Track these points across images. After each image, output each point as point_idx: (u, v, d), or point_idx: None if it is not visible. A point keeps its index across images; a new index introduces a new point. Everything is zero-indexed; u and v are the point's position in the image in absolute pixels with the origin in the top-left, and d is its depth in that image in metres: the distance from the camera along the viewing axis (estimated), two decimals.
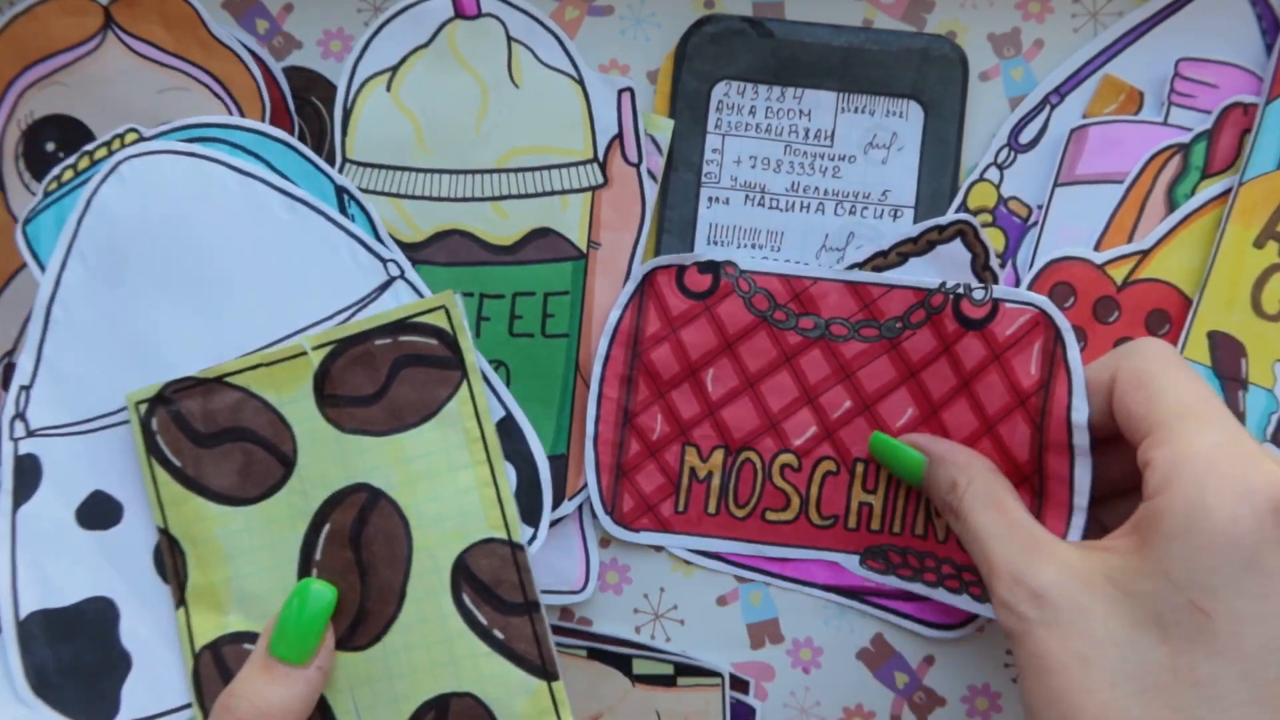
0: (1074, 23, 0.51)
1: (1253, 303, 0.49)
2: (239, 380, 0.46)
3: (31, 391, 0.47)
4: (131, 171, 0.47)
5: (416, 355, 0.47)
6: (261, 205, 0.47)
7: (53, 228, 0.47)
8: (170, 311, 0.47)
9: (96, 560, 0.47)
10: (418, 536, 0.45)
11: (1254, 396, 0.49)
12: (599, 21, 0.51)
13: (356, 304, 0.47)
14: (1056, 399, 0.46)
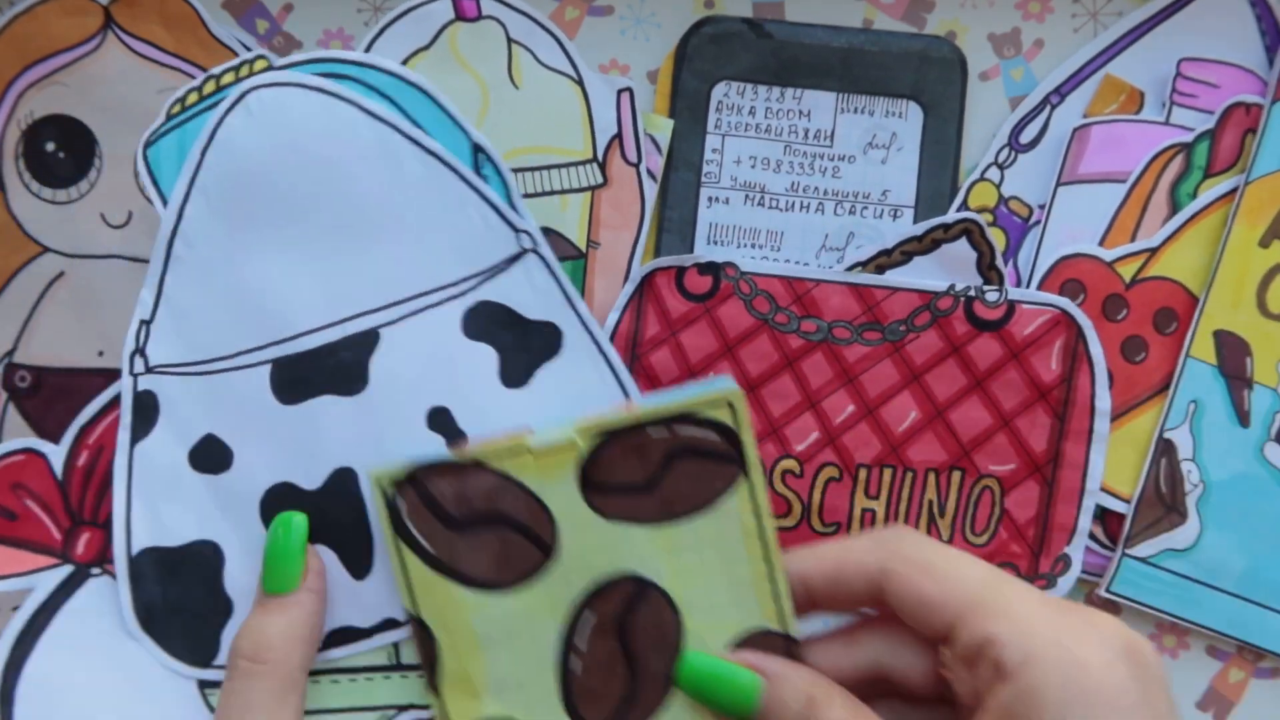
0: (1074, 23, 0.51)
1: (1258, 302, 0.49)
2: (497, 465, 0.44)
3: (151, 327, 0.46)
4: (259, 104, 0.46)
5: (693, 448, 0.43)
6: (392, 154, 0.46)
7: (174, 152, 0.46)
8: (289, 256, 0.46)
9: (206, 504, 0.46)
10: (690, 625, 0.43)
11: (1259, 395, 0.49)
12: (599, 22, 0.51)
13: (484, 273, 0.47)
14: (1080, 389, 0.48)
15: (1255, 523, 0.49)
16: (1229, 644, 0.50)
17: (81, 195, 0.50)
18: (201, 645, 0.46)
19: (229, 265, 0.46)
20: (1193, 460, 0.49)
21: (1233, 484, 0.49)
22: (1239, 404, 0.49)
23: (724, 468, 0.43)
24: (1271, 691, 0.51)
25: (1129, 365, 0.50)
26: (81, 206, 0.50)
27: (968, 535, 0.49)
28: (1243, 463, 0.49)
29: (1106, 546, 0.50)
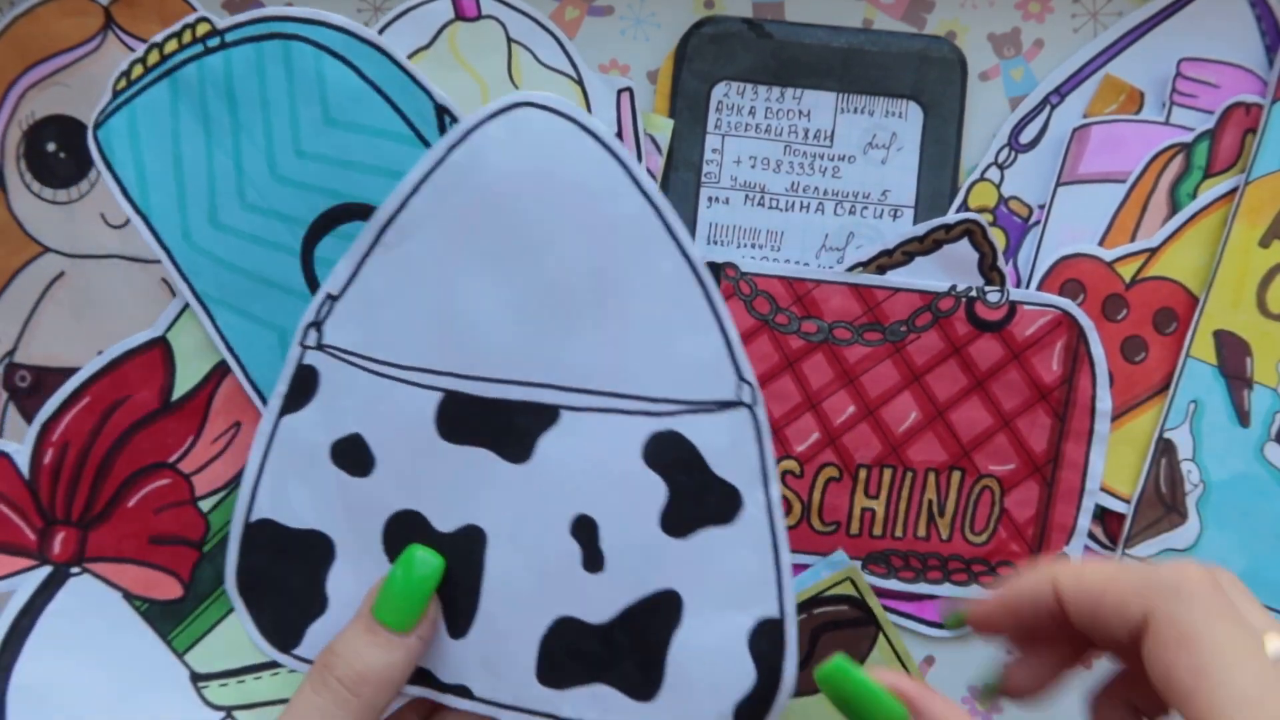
0: (1074, 23, 0.51)
1: (1258, 302, 0.49)
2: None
3: (337, 304, 0.44)
4: (527, 123, 0.41)
5: (834, 622, 0.47)
6: (649, 238, 0.42)
7: (125, 131, 0.46)
8: (501, 291, 0.43)
9: (333, 498, 0.44)
10: None
11: (1259, 395, 0.49)
12: (599, 22, 0.51)
13: (689, 404, 0.43)
14: (1081, 390, 0.48)
15: (1255, 523, 0.49)
16: None
17: (82, 195, 0.50)
18: (288, 630, 0.45)
19: (437, 272, 0.43)
20: (1193, 460, 0.49)
21: (1233, 484, 0.49)
22: (1239, 404, 0.49)
23: (863, 630, 0.48)
24: None
25: (1129, 365, 0.50)
26: (82, 206, 0.50)
27: (967, 534, 0.49)
28: (1243, 463, 0.49)
29: (1106, 546, 0.50)
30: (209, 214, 0.45)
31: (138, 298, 0.50)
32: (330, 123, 0.45)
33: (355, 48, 0.45)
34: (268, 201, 0.45)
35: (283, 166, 0.45)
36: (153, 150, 0.46)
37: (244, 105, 0.45)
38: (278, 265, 0.46)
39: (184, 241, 0.46)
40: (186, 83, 0.45)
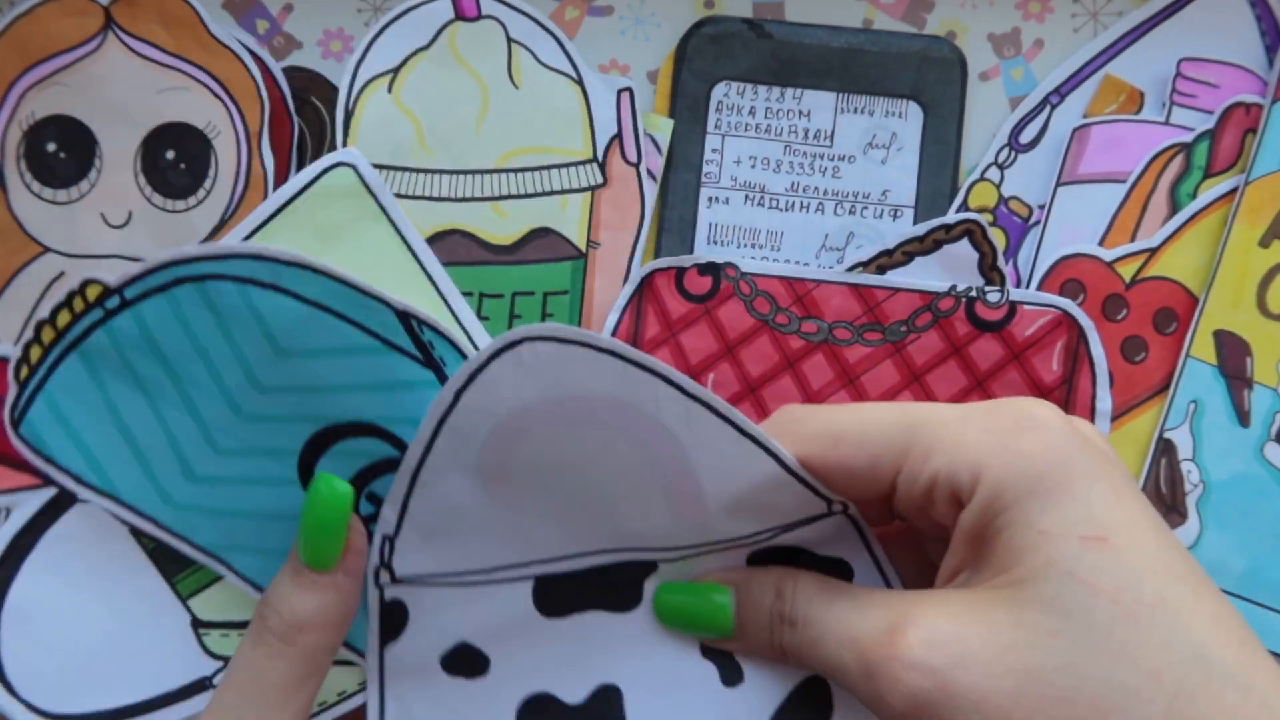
0: (1074, 23, 0.51)
1: (1258, 302, 0.49)
2: None
3: (395, 543, 0.42)
4: (533, 357, 0.37)
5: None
6: (696, 443, 0.38)
7: (50, 419, 0.42)
8: (555, 497, 0.41)
9: (460, 705, 0.43)
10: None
11: (1259, 395, 0.49)
12: (599, 22, 0.51)
13: (781, 527, 0.41)
14: (1081, 391, 0.48)
15: (1256, 523, 0.49)
16: None
17: (82, 195, 0.50)
18: None
19: (483, 496, 0.41)
20: (1193, 460, 0.49)
21: (1233, 484, 0.49)
22: (1239, 404, 0.49)
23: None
24: None
25: (1129, 365, 0.50)
26: (82, 206, 0.50)
27: None
28: (1243, 463, 0.49)
29: None
30: (182, 471, 0.42)
31: None
32: (283, 354, 0.41)
33: (284, 272, 0.41)
34: (244, 443, 0.42)
35: (247, 406, 0.41)
36: (91, 428, 0.43)
37: (177, 358, 0.41)
38: (279, 498, 0.43)
39: (166, 505, 0.43)
40: (99, 350, 0.42)
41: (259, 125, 0.49)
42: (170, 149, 0.50)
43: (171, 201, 0.50)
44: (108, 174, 0.50)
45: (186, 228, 0.50)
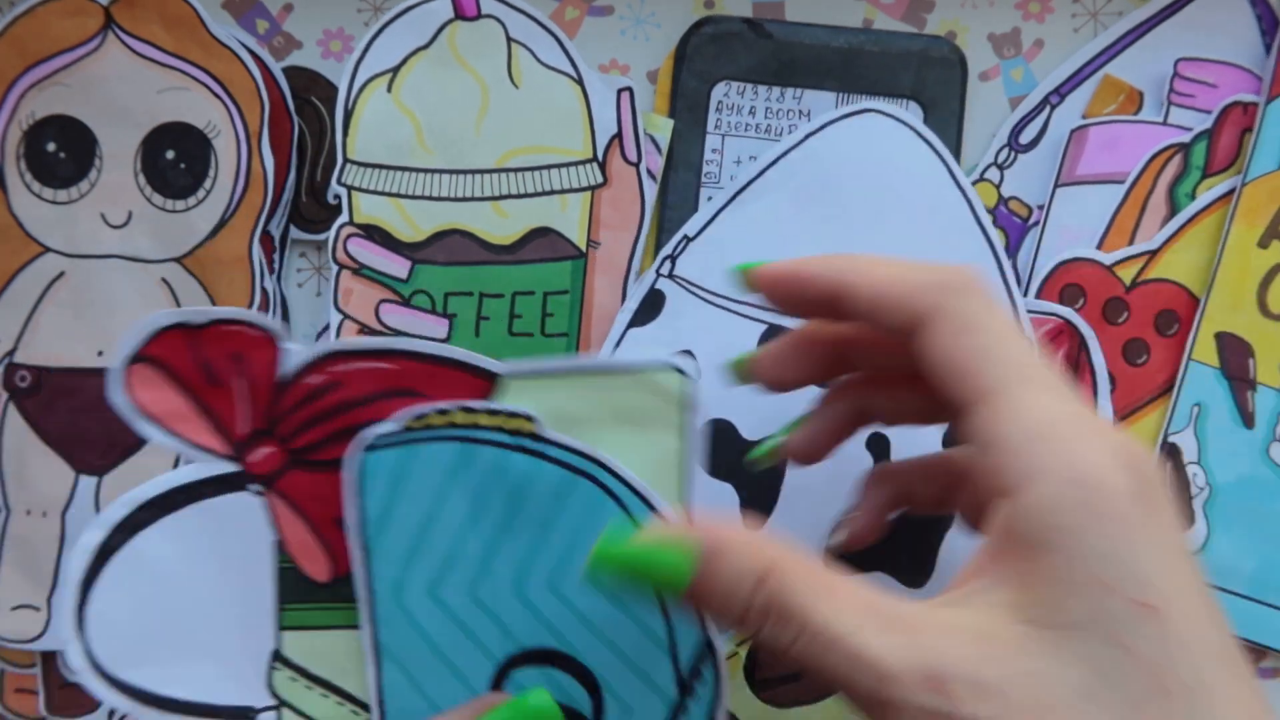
0: (1074, 23, 0.51)
1: (1259, 303, 0.49)
2: None
3: (690, 244, 0.50)
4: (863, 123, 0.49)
5: None
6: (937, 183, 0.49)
7: (393, 468, 0.40)
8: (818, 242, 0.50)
9: None
10: None
11: (1262, 396, 0.49)
12: (599, 21, 0.51)
13: None
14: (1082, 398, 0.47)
15: (1263, 524, 0.49)
16: None
17: (82, 195, 0.50)
18: None
19: (775, 230, 0.49)
20: (1198, 463, 0.49)
21: (1239, 486, 0.49)
22: (1243, 406, 0.49)
23: None
24: (1272, 691, 0.50)
25: (1131, 368, 0.49)
26: (82, 206, 0.50)
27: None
28: (1248, 464, 0.49)
29: None
30: (430, 583, 0.41)
31: (138, 298, 0.50)
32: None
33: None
34: (496, 608, 0.41)
35: (529, 590, 0.40)
36: (410, 498, 0.41)
37: (525, 517, 0.40)
38: (470, 661, 0.42)
39: (392, 594, 0.42)
40: (481, 461, 0.40)
41: (259, 125, 0.49)
42: (170, 149, 0.50)
43: (171, 201, 0.50)
44: (108, 174, 0.50)
45: (186, 228, 0.50)
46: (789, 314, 0.39)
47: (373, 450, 0.39)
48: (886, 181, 0.49)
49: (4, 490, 0.51)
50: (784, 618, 0.31)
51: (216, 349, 0.39)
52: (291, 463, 0.41)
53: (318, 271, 0.52)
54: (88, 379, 0.50)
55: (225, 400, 0.40)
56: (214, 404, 0.40)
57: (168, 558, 0.42)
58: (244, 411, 0.41)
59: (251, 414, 0.41)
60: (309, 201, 0.51)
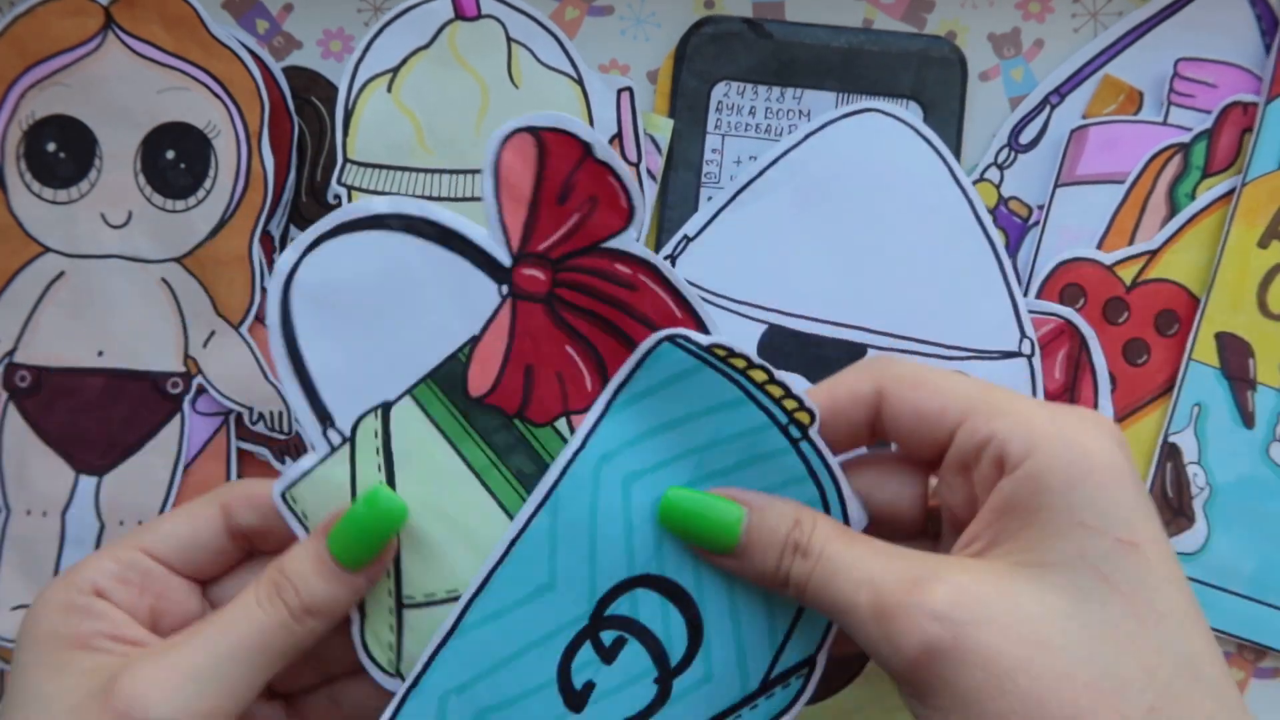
0: (1074, 23, 0.51)
1: (1259, 303, 0.49)
2: None
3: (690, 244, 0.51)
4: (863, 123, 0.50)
5: None
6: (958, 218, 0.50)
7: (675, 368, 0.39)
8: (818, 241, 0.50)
9: None
10: None
11: (1262, 396, 0.49)
12: (599, 21, 0.51)
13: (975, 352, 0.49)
14: (1083, 398, 0.48)
15: (1263, 524, 0.49)
16: (1229, 643, 0.50)
17: (82, 195, 0.50)
18: None
19: (776, 229, 0.50)
20: (1198, 463, 0.49)
21: (1239, 486, 0.49)
22: (1243, 406, 0.49)
23: None
24: (1271, 691, 0.50)
25: (1131, 368, 0.49)
26: (82, 206, 0.50)
27: None
28: (1249, 464, 0.49)
29: None
30: (631, 474, 0.40)
31: (138, 298, 0.50)
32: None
33: None
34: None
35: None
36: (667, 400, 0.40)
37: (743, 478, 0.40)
38: (613, 555, 0.40)
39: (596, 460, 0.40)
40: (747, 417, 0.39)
41: (259, 125, 0.49)
42: (170, 149, 0.50)
43: (171, 201, 0.50)
44: (107, 174, 0.50)
45: (186, 227, 0.50)
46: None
47: (672, 343, 0.38)
48: (887, 181, 0.49)
49: (4, 490, 0.51)
50: (806, 551, 0.36)
51: (587, 181, 0.39)
52: (543, 299, 0.40)
53: None
54: (88, 379, 0.50)
55: (552, 217, 0.39)
56: (543, 211, 0.39)
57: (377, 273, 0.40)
58: (556, 237, 0.39)
59: (558, 244, 0.39)
60: (309, 201, 0.51)
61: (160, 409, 0.50)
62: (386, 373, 0.40)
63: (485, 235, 0.39)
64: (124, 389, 0.50)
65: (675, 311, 0.39)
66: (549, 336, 0.39)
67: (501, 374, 0.39)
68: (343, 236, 0.39)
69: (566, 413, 0.39)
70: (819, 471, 0.38)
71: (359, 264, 0.39)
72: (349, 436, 0.39)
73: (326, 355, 0.39)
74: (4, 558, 0.51)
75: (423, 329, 0.40)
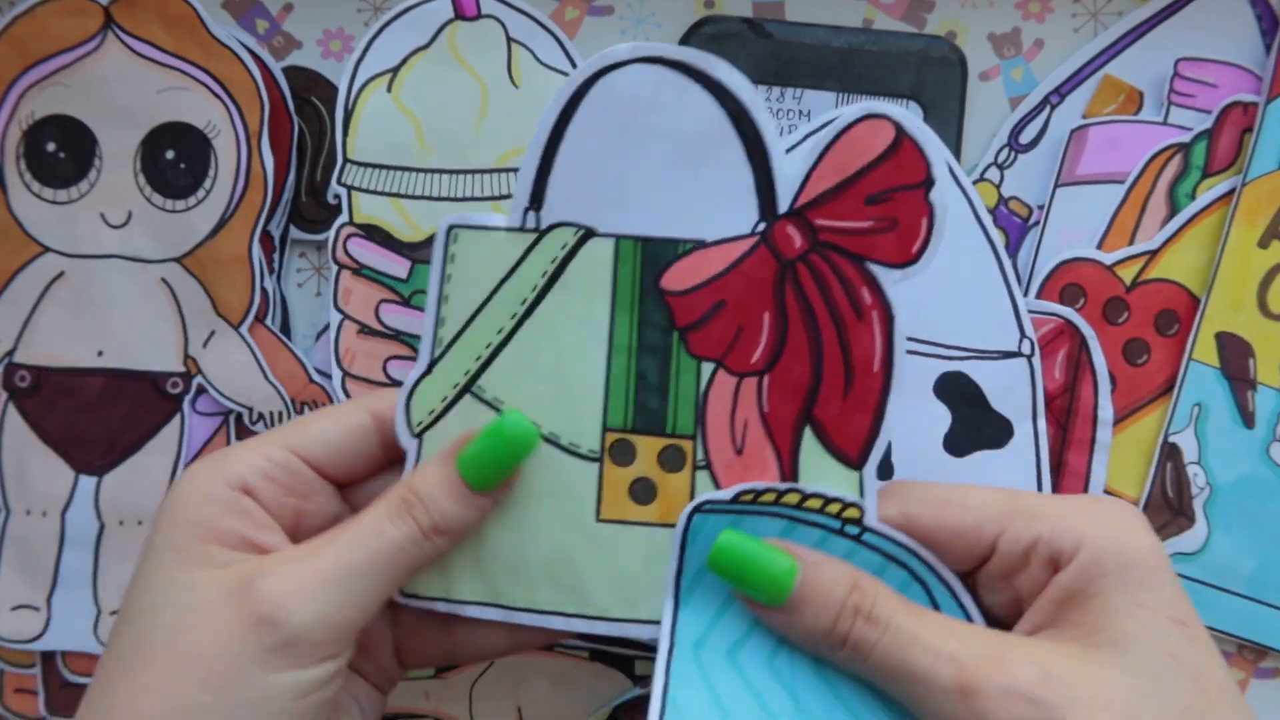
0: (1074, 23, 0.51)
1: (1259, 303, 0.49)
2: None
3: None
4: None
5: None
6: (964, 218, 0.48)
7: (707, 534, 0.39)
8: None
9: None
10: None
11: (1262, 396, 0.49)
12: (599, 21, 0.51)
13: (976, 352, 0.48)
14: (1083, 399, 0.48)
15: (1264, 524, 0.49)
16: (1229, 643, 0.50)
17: (82, 195, 0.50)
18: None
19: None
20: (1198, 463, 0.49)
21: (1239, 486, 0.49)
22: (1243, 406, 0.49)
23: None
24: (1271, 691, 0.50)
25: (1131, 368, 0.49)
26: (81, 206, 0.50)
27: None
28: (1249, 464, 0.49)
29: None
30: (731, 646, 0.40)
31: (137, 298, 0.50)
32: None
33: None
34: (792, 681, 0.40)
35: (829, 667, 0.39)
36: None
37: None
38: None
39: (692, 649, 0.40)
40: (802, 539, 0.40)
41: (259, 125, 0.49)
42: (170, 149, 0.50)
43: (171, 201, 0.50)
44: (107, 174, 0.50)
45: (186, 227, 0.50)
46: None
47: (702, 512, 0.39)
48: None
49: (4, 490, 0.51)
50: (872, 619, 0.36)
51: (904, 205, 0.38)
52: (783, 260, 0.39)
53: (317, 271, 0.52)
54: (87, 379, 0.50)
55: (851, 205, 0.38)
56: (848, 194, 0.38)
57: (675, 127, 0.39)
58: (837, 223, 0.38)
59: (833, 230, 0.39)
60: (309, 201, 0.51)
61: (160, 409, 0.50)
62: (613, 208, 0.39)
63: (790, 174, 0.38)
64: (124, 389, 0.50)
65: (874, 363, 0.38)
66: (760, 292, 0.39)
67: (697, 289, 0.39)
68: (678, 73, 0.38)
69: (718, 362, 0.39)
70: (897, 554, 0.38)
71: (671, 106, 0.38)
72: (541, 230, 0.39)
73: (581, 155, 0.39)
74: (4, 558, 0.51)
75: (675, 199, 0.39)
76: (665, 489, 0.39)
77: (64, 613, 0.51)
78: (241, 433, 0.51)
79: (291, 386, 0.50)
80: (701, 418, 0.39)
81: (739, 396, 0.39)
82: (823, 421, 0.39)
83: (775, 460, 0.39)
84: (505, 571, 0.40)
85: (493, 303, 0.39)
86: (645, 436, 0.39)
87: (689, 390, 0.39)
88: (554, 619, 0.40)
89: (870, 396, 0.38)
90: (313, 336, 0.52)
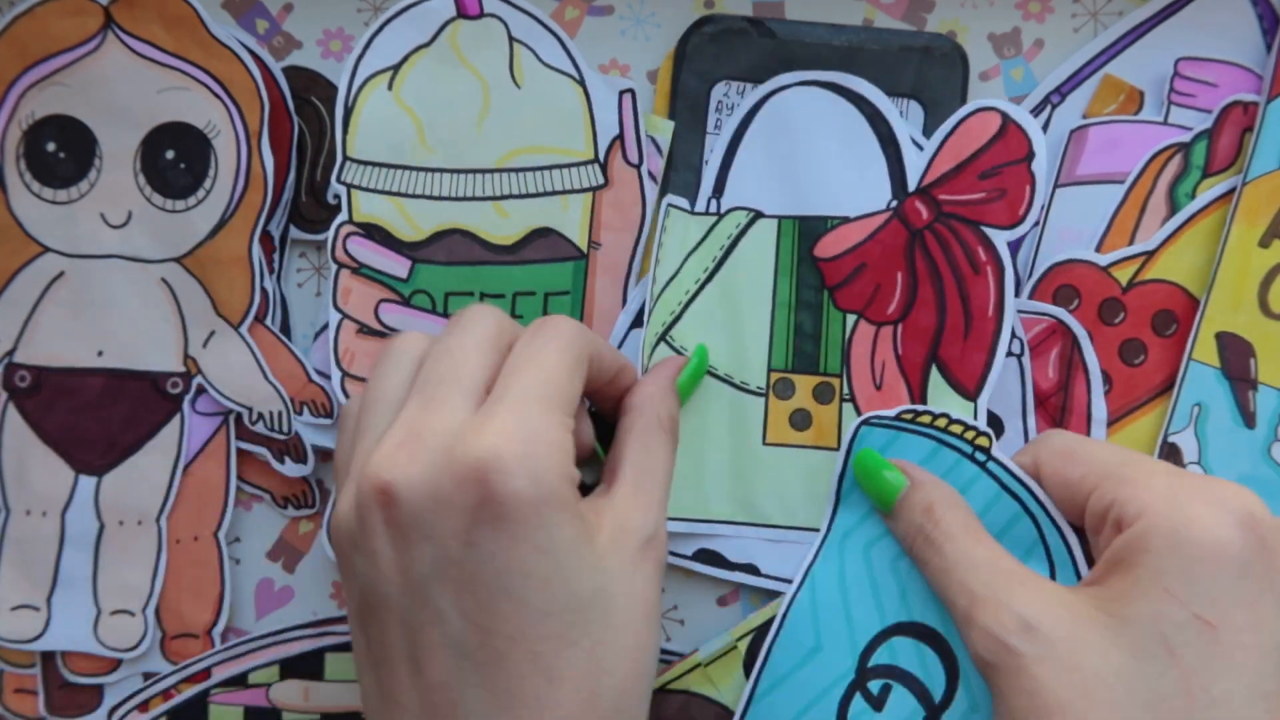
0: (1074, 23, 0.51)
1: (1260, 303, 0.49)
2: (678, 685, 0.49)
3: None
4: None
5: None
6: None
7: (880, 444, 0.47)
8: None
9: None
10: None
11: (1264, 396, 0.49)
12: (599, 21, 0.51)
13: None
14: (1076, 398, 0.48)
15: None
16: None
17: (82, 195, 0.50)
18: None
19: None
20: (1198, 464, 0.49)
21: None
22: (1244, 406, 0.49)
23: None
24: None
25: (1128, 368, 0.49)
26: (81, 206, 0.50)
27: None
28: (1250, 465, 0.49)
29: None
30: (869, 541, 0.47)
31: (138, 298, 0.50)
32: None
33: None
34: (906, 580, 0.46)
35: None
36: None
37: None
38: (866, 614, 0.47)
39: (840, 537, 0.48)
40: (943, 459, 0.46)
41: (259, 125, 0.49)
42: (170, 149, 0.50)
43: (171, 201, 0.50)
44: (107, 174, 0.50)
45: (186, 227, 0.50)
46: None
47: (868, 424, 0.47)
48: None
49: (4, 490, 0.51)
50: (929, 540, 0.42)
51: (1012, 178, 0.47)
52: (912, 230, 0.48)
53: (317, 271, 0.52)
54: (87, 379, 0.50)
55: (968, 181, 0.47)
56: (965, 172, 0.48)
57: (828, 129, 0.49)
58: (958, 197, 0.48)
59: (955, 202, 0.48)
60: (309, 201, 0.51)
61: (160, 409, 0.50)
62: (777, 196, 0.49)
63: (917, 161, 0.48)
64: (124, 389, 0.50)
65: (989, 309, 0.47)
66: (894, 256, 0.48)
67: (843, 255, 0.48)
68: (828, 90, 0.49)
69: (860, 314, 0.48)
70: (1013, 488, 0.44)
71: (824, 115, 0.49)
72: (721, 213, 0.49)
73: (756, 155, 0.49)
74: (4, 558, 0.51)
75: (825, 186, 0.49)
76: (818, 418, 0.48)
77: (64, 613, 0.51)
78: (241, 433, 0.51)
79: (291, 386, 0.50)
80: (847, 359, 0.48)
81: (877, 342, 0.48)
82: (946, 361, 0.47)
83: (907, 394, 0.47)
84: (689, 489, 0.48)
85: (683, 270, 0.49)
86: (802, 375, 0.49)
87: (837, 337, 0.48)
88: (726, 527, 0.49)
89: (986, 338, 0.47)
90: (311, 337, 0.52)
